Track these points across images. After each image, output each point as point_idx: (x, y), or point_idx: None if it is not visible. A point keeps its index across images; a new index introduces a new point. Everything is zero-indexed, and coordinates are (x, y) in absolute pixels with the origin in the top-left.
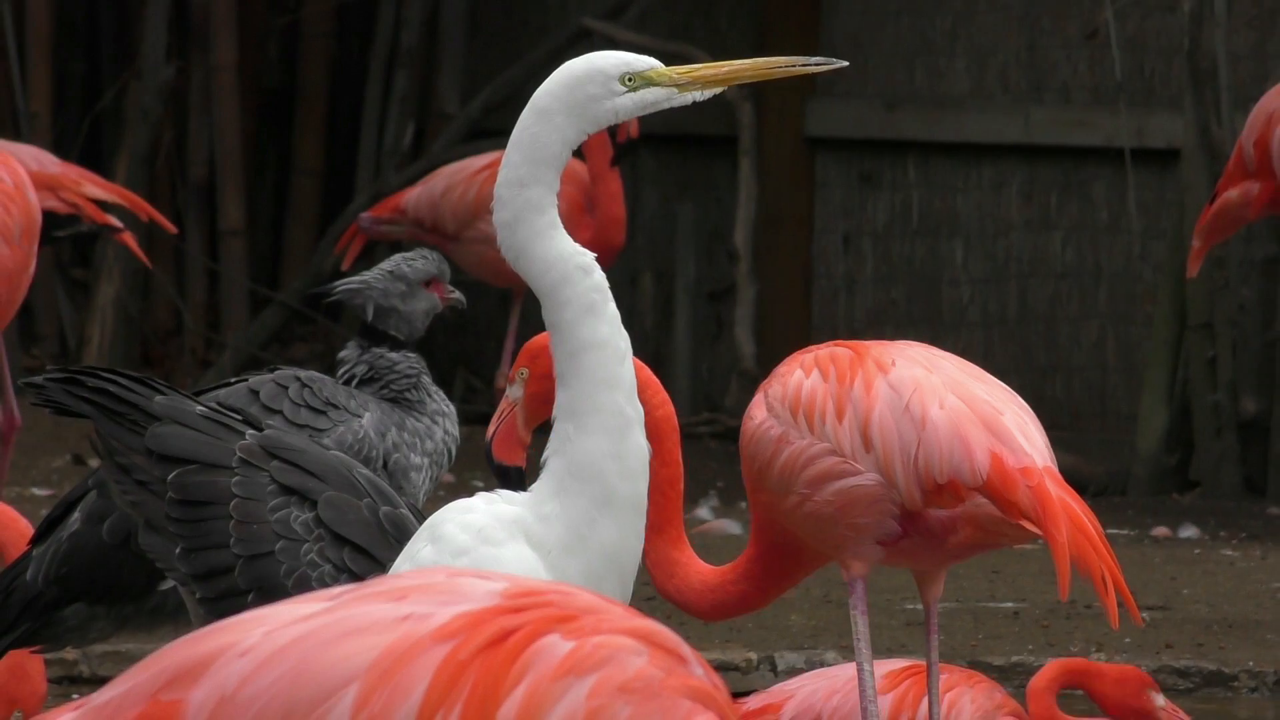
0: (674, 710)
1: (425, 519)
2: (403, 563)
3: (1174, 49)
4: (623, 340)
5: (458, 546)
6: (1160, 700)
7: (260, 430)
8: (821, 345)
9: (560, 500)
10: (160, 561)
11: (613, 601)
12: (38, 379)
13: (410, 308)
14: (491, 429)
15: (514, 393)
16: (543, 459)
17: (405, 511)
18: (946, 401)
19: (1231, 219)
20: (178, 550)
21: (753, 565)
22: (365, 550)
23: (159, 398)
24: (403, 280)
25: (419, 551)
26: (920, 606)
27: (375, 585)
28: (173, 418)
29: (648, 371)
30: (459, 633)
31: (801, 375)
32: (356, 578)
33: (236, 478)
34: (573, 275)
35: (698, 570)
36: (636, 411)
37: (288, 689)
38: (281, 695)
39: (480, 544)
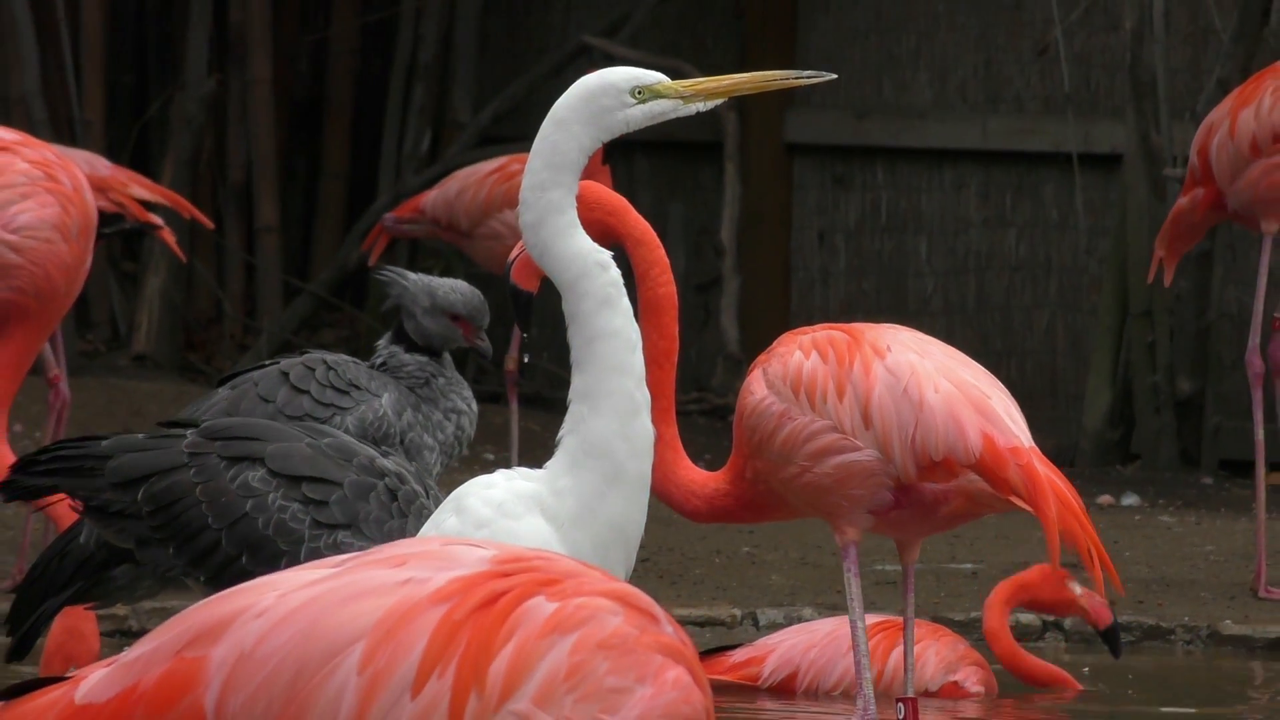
0: (647, 664)
1: (410, 475)
2: (429, 529)
3: (1117, 64)
4: (634, 331)
5: (479, 518)
6: (1079, 589)
7: (196, 425)
8: (817, 327)
9: (573, 475)
10: (161, 567)
11: (591, 566)
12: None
13: (427, 323)
14: (514, 254)
15: None
16: (558, 437)
17: (345, 439)
18: (940, 386)
19: (1186, 225)
20: (170, 551)
21: (720, 500)
22: (319, 478)
23: (103, 442)
24: (430, 298)
25: (444, 521)
26: (892, 568)
27: (377, 553)
28: (121, 449)
29: (660, 251)
30: (454, 595)
31: (801, 356)
32: (321, 504)
33: (192, 469)
34: (591, 270)
35: (685, 469)
36: (644, 397)
37: (300, 646)
38: (295, 652)
39: (500, 517)
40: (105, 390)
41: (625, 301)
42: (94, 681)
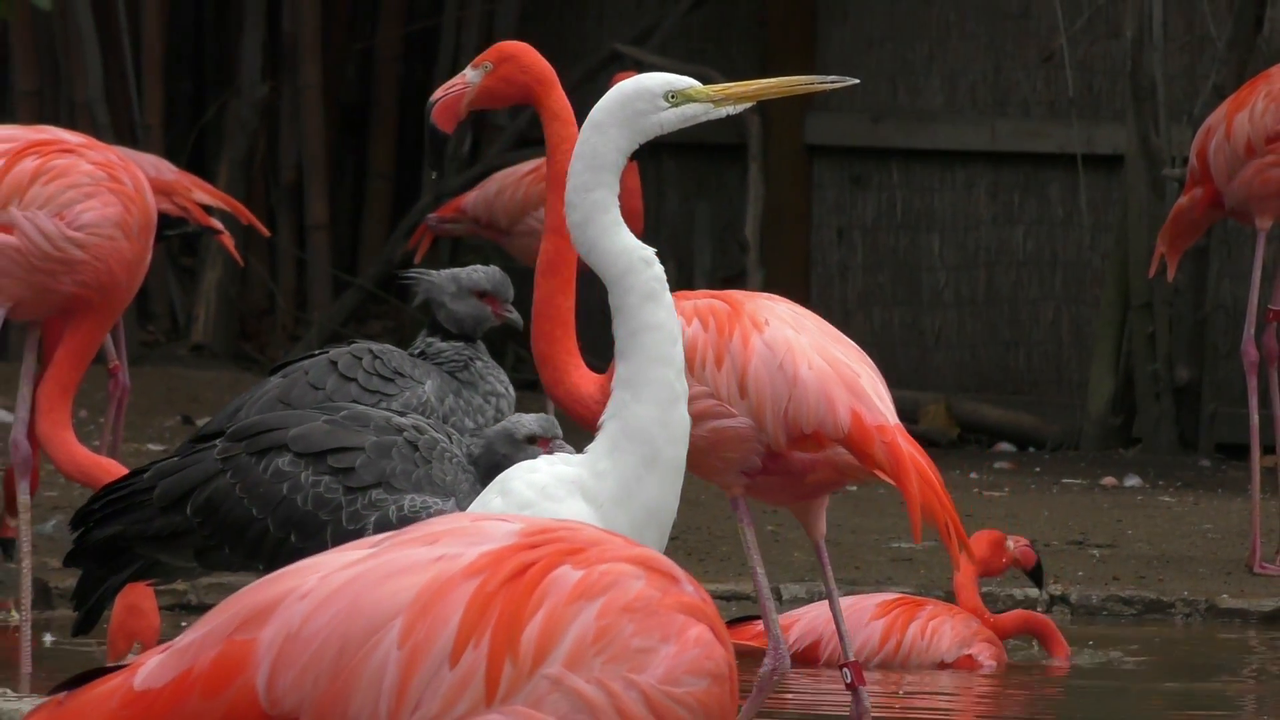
0: (670, 624)
1: (429, 425)
2: (477, 507)
3: (1118, 70)
4: (675, 325)
5: (523, 500)
6: (1010, 545)
7: (222, 434)
8: (699, 294)
9: (613, 458)
10: (222, 567)
11: (614, 534)
12: (71, 556)
13: (457, 307)
14: (439, 94)
15: (473, 77)
16: (600, 421)
17: (359, 408)
18: (814, 362)
19: (1186, 223)
20: (226, 551)
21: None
22: (341, 448)
23: (144, 475)
24: (455, 283)
25: (490, 502)
26: (907, 545)
27: (412, 532)
28: (160, 476)
29: (574, 128)
30: (485, 569)
31: (683, 323)
32: (348, 471)
33: (227, 473)
34: (636, 266)
35: (577, 377)
36: (683, 387)
37: (343, 624)
38: (338, 630)
39: (542, 499)
40: (165, 378)
41: (668, 296)
42: (151, 667)
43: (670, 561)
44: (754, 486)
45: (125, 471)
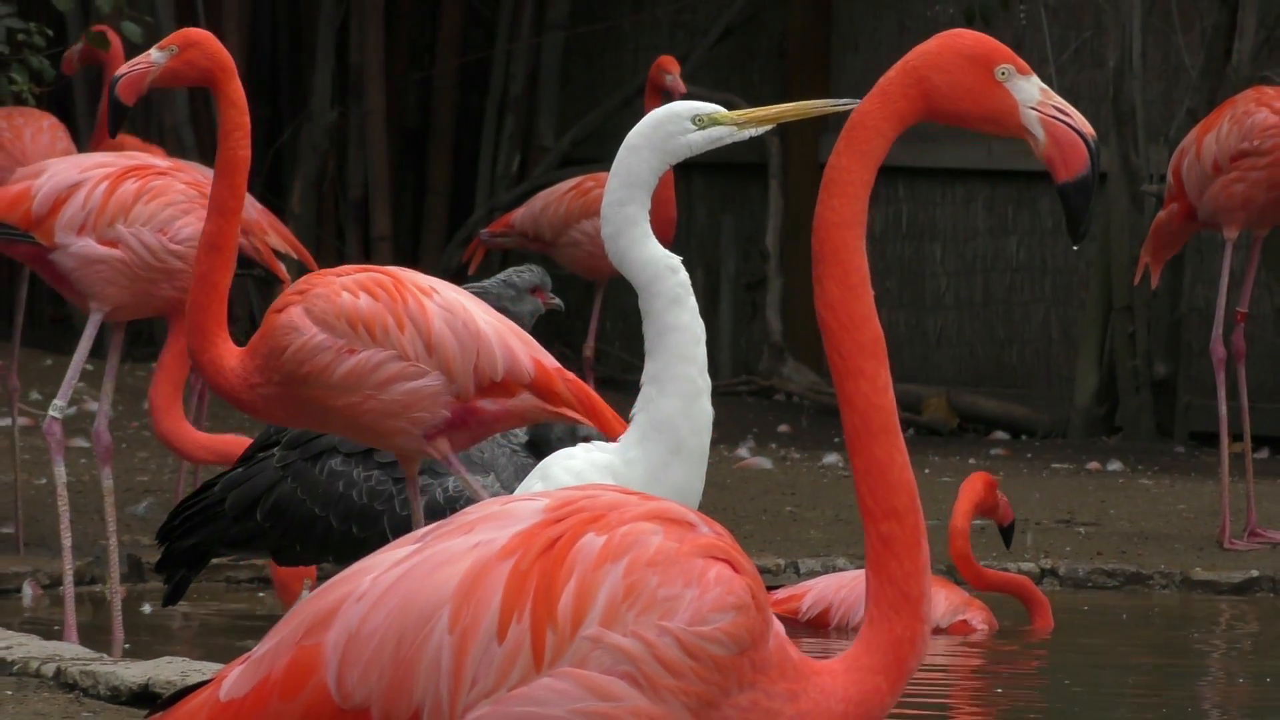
0: (691, 569)
1: None
2: (521, 490)
3: (1101, 96)
4: (699, 326)
5: (561, 485)
6: (999, 494)
7: (279, 444)
8: (345, 269)
9: (642, 447)
10: (297, 562)
11: (630, 492)
12: (160, 565)
13: (518, 309)
14: (124, 70)
15: (158, 58)
16: (630, 415)
17: None
18: (485, 319)
19: (1166, 235)
20: (299, 549)
21: (240, 394)
22: None
23: (214, 488)
24: (513, 287)
25: (532, 486)
26: None
27: (449, 524)
28: (229, 488)
29: (247, 118)
30: (517, 549)
31: (351, 296)
32: (394, 464)
33: (288, 479)
34: (662, 273)
35: (229, 350)
36: (706, 382)
37: (397, 620)
38: (394, 626)
39: (578, 483)
40: None
41: (692, 300)
42: (233, 679)
43: (684, 508)
44: (439, 439)
45: (249, 442)
